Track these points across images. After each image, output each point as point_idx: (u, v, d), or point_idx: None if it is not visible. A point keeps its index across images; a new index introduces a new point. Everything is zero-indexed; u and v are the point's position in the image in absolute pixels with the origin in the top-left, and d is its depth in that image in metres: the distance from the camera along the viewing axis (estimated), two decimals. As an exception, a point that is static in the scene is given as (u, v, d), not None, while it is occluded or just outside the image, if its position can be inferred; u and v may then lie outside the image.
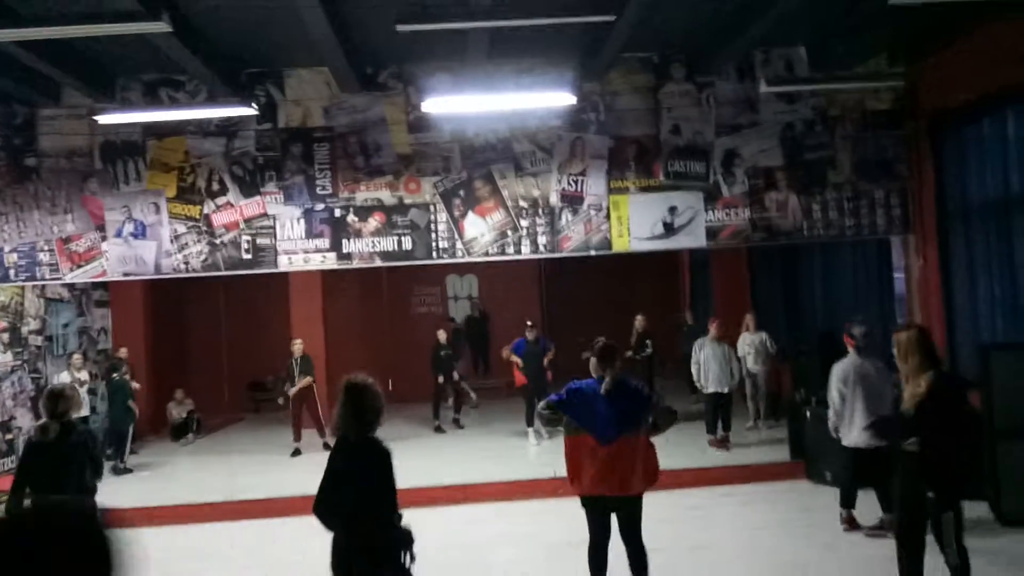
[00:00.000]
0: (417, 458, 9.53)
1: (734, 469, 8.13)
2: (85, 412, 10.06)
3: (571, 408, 4.50)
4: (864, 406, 6.08)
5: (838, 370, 6.25)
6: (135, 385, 10.33)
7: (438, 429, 10.78)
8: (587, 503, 4.60)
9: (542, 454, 9.38)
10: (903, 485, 4.48)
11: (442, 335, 11.26)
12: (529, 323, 10.41)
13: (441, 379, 10.94)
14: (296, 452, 9.96)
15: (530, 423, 10.04)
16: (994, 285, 7.31)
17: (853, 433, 6.15)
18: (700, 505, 7.12)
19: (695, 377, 9.22)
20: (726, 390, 9.03)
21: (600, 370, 4.56)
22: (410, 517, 6.74)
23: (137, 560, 1.49)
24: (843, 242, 9.24)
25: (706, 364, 9.01)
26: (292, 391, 10.14)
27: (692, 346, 9.46)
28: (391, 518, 3.67)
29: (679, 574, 5.42)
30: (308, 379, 10.20)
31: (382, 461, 3.65)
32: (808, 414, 7.82)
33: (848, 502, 6.38)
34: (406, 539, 3.67)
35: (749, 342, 9.89)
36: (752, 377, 9.90)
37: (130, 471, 9.46)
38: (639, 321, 11.20)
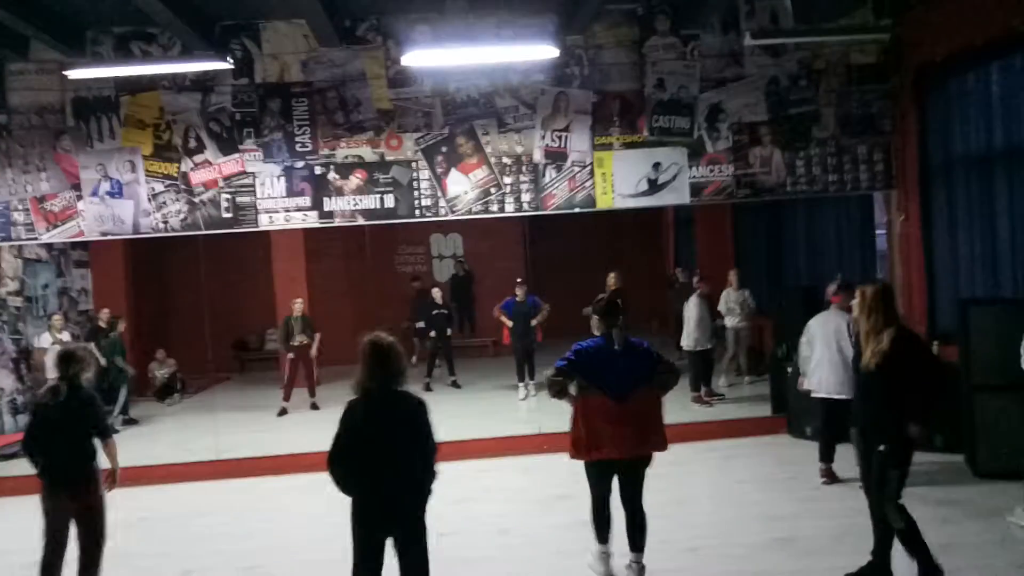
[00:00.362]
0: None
1: (716, 424, 8.25)
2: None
3: (580, 367, 4.39)
4: (828, 358, 6.36)
5: (809, 322, 6.64)
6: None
7: (427, 387, 10.84)
8: (595, 467, 4.49)
9: (530, 411, 9.47)
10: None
11: (436, 293, 11.26)
12: (519, 280, 10.45)
13: (433, 335, 10.99)
14: (283, 412, 9.99)
15: (521, 378, 10.20)
16: (974, 241, 7.36)
17: (814, 379, 6.48)
18: (682, 460, 7.18)
19: (684, 335, 9.31)
20: (710, 347, 9.15)
21: (604, 327, 4.47)
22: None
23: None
24: (826, 198, 9.24)
25: (696, 322, 9.05)
26: (297, 340, 10.19)
27: (682, 304, 9.54)
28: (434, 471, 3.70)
29: (660, 528, 5.49)
30: (304, 338, 10.22)
31: (423, 411, 3.68)
32: (789, 370, 7.91)
33: (826, 456, 6.50)
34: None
35: (733, 299, 9.95)
36: (735, 332, 9.99)
37: (116, 431, 9.46)
38: (612, 278, 11.15)
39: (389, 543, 3.69)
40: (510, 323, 10.19)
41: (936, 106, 7.88)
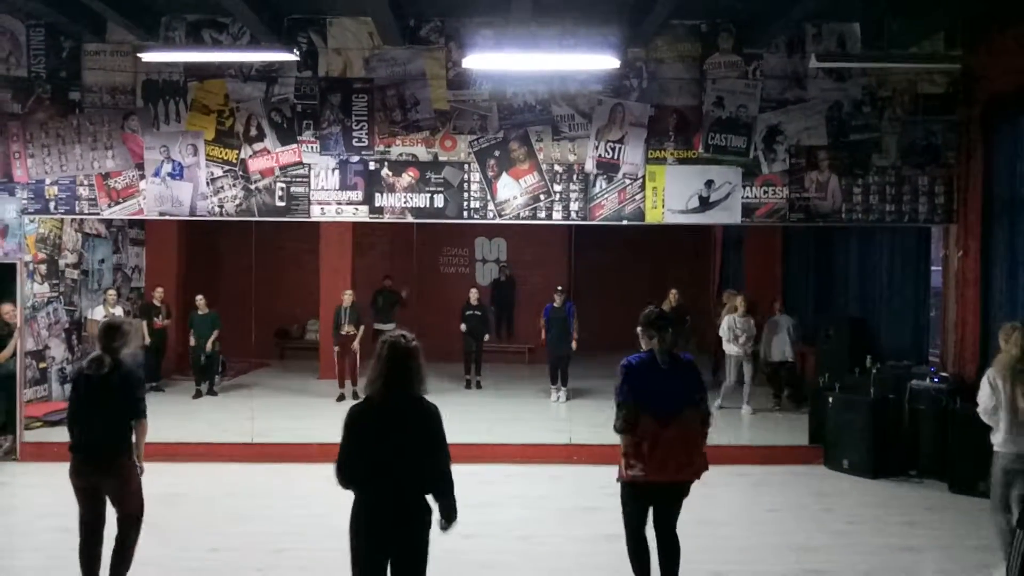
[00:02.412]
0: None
1: (749, 449, 8.11)
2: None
3: (633, 389, 4.15)
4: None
5: None
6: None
7: (468, 384, 11.22)
8: (635, 492, 4.25)
9: (561, 420, 9.43)
10: None
11: (473, 293, 11.39)
12: (559, 288, 10.50)
13: (468, 338, 11.20)
14: (341, 397, 10.36)
15: (553, 381, 10.37)
16: (1035, 282, 7.11)
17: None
18: (710, 482, 6.98)
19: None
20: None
21: (648, 340, 4.24)
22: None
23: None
24: (882, 228, 9.03)
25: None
26: (345, 330, 10.45)
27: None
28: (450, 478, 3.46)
29: (683, 548, 5.42)
30: (351, 328, 10.48)
31: (437, 420, 3.44)
32: (831, 400, 7.74)
33: None
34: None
35: (739, 326, 9.66)
36: (738, 362, 9.68)
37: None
38: (673, 295, 11.06)
39: None
40: (544, 329, 10.36)
41: (1004, 141, 7.64)
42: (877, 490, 7.03)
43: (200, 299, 10.79)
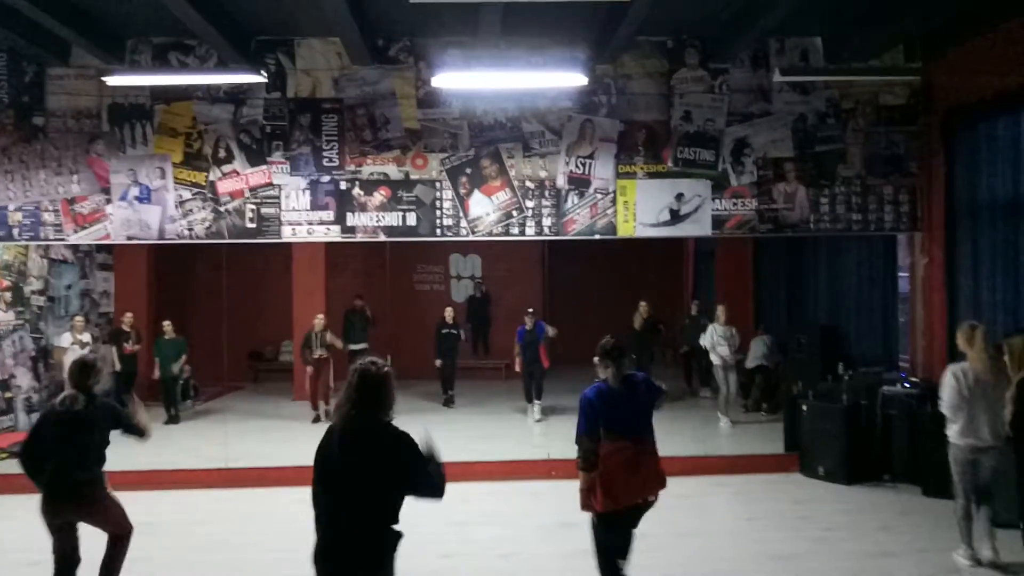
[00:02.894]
0: (416, 435, 9.57)
1: (727, 459, 8.15)
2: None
3: (600, 417, 4.16)
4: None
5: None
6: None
7: (447, 402, 11.23)
8: (615, 518, 4.21)
9: (539, 436, 9.41)
10: None
11: (448, 313, 11.34)
12: (530, 310, 10.54)
13: (439, 360, 11.18)
14: (317, 419, 10.23)
15: (529, 400, 10.36)
16: (997, 287, 7.27)
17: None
18: (691, 493, 7.14)
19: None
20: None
21: (604, 370, 4.29)
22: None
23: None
24: (849, 237, 9.19)
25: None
26: (317, 354, 10.33)
27: (695, 338, 9.59)
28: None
29: (665, 560, 5.44)
30: (323, 352, 10.38)
31: (405, 446, 3.23)
32: (805, 408, 7.82)
33: None
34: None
35: (720, 334, 9.66)
36: (724, 371, 9.64)
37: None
38: (643, 307, 11.13)
39: None
40: (518, 353, 10.42)
41: (964, 150, 7.83)
42: (852, 496, 7.10)
43: (167, 324, 10.63)
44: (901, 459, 7.38)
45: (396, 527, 3.23)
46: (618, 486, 4.13)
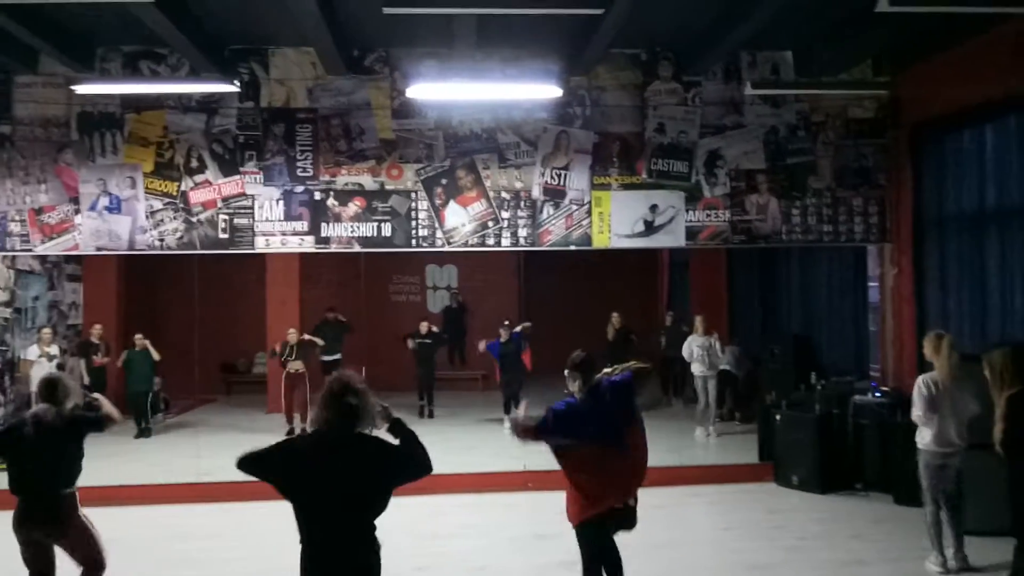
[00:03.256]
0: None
1: (702, 469, 8.18)
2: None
3: (561, 430, 4.17)
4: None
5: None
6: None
7: (421, 412, 11.11)
8: (595, 525, 4.18)
9: (515, 447, 9.36)
10: None
11: (424, 326, 11.28)
12: (506, 322, 10.54)
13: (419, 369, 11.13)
14: (291, 432, 10.08)
15: (507, 411, 10.28)
16: (964, 297, 7.41)
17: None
18: (666, 504, 7.14)
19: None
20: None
21: (573, 383, 4.30)
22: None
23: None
24: (820, 248, 9.31)
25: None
26: (292, 368, 10.25)
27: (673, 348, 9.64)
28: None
29: (640, 571, 5.42)
30: (299, 366, 10.30)
31: (384, 453, 3.22)
32: (778, 417, 7.88)
33: None
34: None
35: (698, 344, 9.64)
36: (704, 381, 9.61)
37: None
38: (615, 318, 11.18)
39: None
40: (497, 363, 10.42)
41: (931, 163, 7.99)
42: (826, 505, 7.16)
43: (139, 337, 10.46)
44: (873, 468, 7.46)
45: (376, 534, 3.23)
46: (597, 490, 4.13)
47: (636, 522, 4.31)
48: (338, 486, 3.11)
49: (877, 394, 7.72)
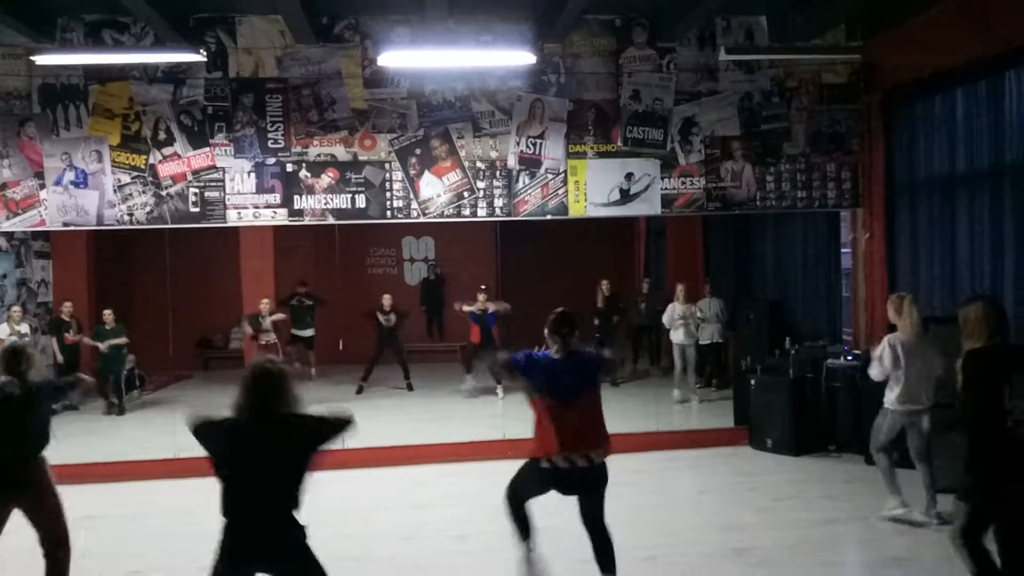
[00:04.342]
0: (365, 419, 9.51)
1: (679, 435, 8.29)
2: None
3: (529, 375, 4.32)
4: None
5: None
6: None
7: (360, 390, 10.92)
8: (539, 472, 4.30)
9: (494, 416, 9.44)
10: None
11: (386, 300, 11.16)
12: (483, 287, 10.54)
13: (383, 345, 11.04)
14: None
15: (468, 371, 10.62)
16: (935, 261, 7.52)
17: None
18: (644, 469, 7.24)
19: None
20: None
21: (552, 344, 4.35)
22: (357, 478, 6.71)
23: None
24: (794, 214, 9.38)
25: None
26: (265, 340, 10.24)
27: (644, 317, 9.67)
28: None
29: (617, 536, 5.50)
30: (272, 338, 10.35)
31: (312, 432, 3.36)
32: (753, 382, 7.99)
33: None
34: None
35: (679, 312, 9.70)
36: (682, 349, 9.73)
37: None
38: (605, 285, 11.19)
39: None
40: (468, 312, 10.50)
41: (902, 128, 8.04)
42: (799, 467, 7.30)
43: (108, 314, 10.31)
44: (845, 430, 7.60)
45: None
46: (551, 434, 4.20)
47: (600, 497, 4.35)
48: (272, 465, 3.27)
49: (849, 357, 7.85)
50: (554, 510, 4.68)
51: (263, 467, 3.27)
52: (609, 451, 4.37)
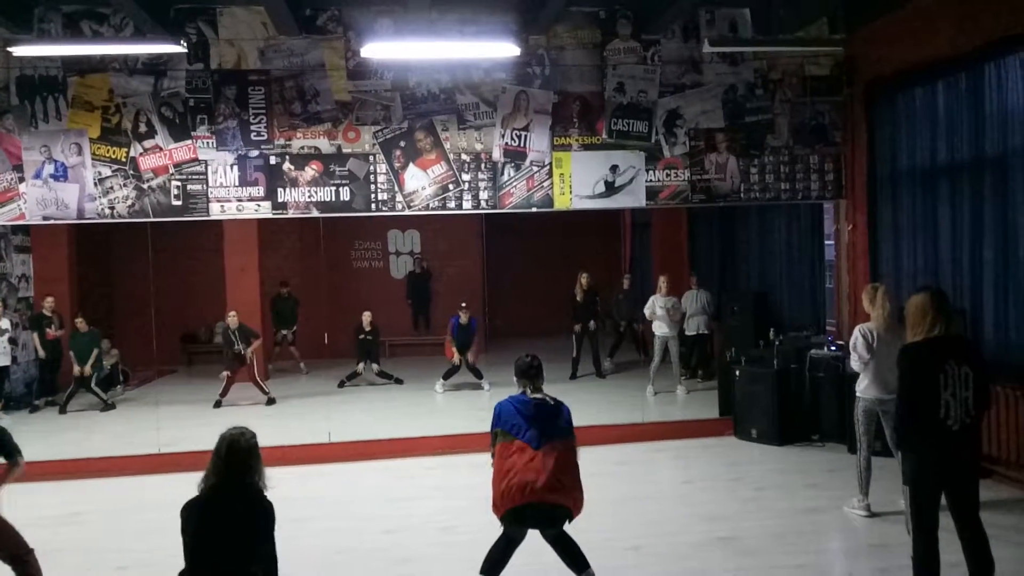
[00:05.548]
0: (354, 412, 9.50)
1: (664, 425, 8.34)
2: (5, 362, 9.74)
3: (503, 418, 4.29)
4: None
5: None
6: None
7: (341, 384, 10.97)
8: (511, 516, 4.24)
9: (481, 409, 9.44)
10: None
11: (366, 317, 11.05)
12: (463, 304, 10.64)
13: (361, 366, 10.96)
14: (218, 404, 10.03)
15: (446, 378, 10.63)
16: (917, 252, 7.59)
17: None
18: (629, 460, 7.29)
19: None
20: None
21: (522, 385, 4.35)
22: (344, 472, 6.73)
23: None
24: (778, 206, 9.43)
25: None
26: (248, 351, 10.17)
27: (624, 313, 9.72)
28: None
29: (603, 526, 5.55)
30: (257, 343, 10.27)
31: (268, 516, 3.37)
32: (737, 373, 8.04)
33: None
34: None
35: (660, 305, 9.73)
36: (663, 342, 9.75)
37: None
38: (584, 278, 11.18)
39: None
40: (453, 345, 10.61)
41: (884, 120, 8.10)
42: (783, 456, 7.37)
43: (80, 321, 10.18)
44: (828, 420, 7.67)
45: None
46: (511, 478, 4.13)
47: (555, 523, 4.30)
48: (218, 540, 3.29)
49: (833, 348, 7.91)
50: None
51: (227, 539, 3.30)
52: (577, 506, 4.26)
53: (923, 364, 3.93)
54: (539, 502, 4.13)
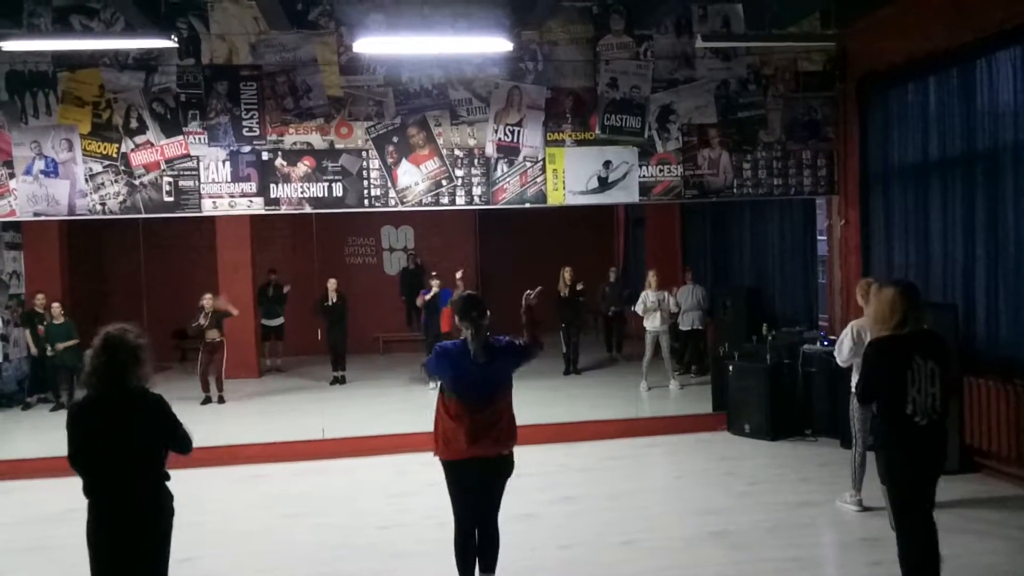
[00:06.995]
0: (348, 408, 9.49)
1: (658, 420, 8.37)
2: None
3: (441, 372, 4.12)
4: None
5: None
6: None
7: (333, 381, 11.00)
8: (454, 472, 4.16)
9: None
10: None
11: (331, 284, 11.07)
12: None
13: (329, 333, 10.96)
14: (207, 400, 10.06)
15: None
16: (909, 247, 7.61)
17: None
18: (623, 455, 7.30)
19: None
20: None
21: (463, 326, 4.07)
22: (338, 468, 6.73)
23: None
24: (771, 201, 9.44)
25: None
26: (209, 336, 10.21)
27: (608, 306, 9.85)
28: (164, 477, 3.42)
29: (596, 521, 5.57)
30: (216, 334, 10.26)
31: (161, 408, 3.37)
32: (731, 368, 8.06)
33: None
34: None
35: (651, 299, 9.73)
36: (655, 337, 9.77)
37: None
38: (567, 272, 11.15)
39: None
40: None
41: (877, 115, 8.11)
42: (776, 451, 7.39)
43: (56, 307, 10.11)
44: (821, 414, 7.70)
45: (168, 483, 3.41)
46: (453, 437, 4.06)
47: (499, 492, 4.26)
48: (129, 442, 3.27)
49: (825, 343, 7.94)
50: (533, 499, 4.71)
51: (116, 441, 3.28)
52: (510, 445, 4.19)
53: (889, 360, 3.86)
54: (483, 458, 4.07)
